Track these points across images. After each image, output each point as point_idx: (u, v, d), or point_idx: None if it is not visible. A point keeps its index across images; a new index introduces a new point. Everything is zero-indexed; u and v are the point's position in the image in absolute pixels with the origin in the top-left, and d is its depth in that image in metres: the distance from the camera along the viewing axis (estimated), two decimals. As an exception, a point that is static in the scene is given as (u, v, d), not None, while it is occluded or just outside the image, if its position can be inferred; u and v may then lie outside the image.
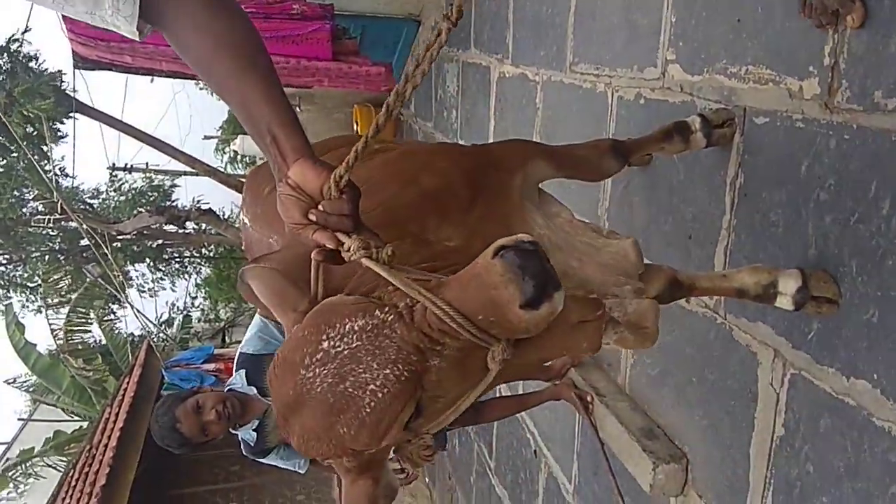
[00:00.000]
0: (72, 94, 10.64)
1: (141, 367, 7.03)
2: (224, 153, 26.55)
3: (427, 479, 6.56)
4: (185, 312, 15.37)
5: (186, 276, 20.16)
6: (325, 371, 0.87)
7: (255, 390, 2.48)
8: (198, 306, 18.68)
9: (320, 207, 1.02)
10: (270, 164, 1.08)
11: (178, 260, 19.36)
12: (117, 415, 6.54)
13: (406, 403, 0.87)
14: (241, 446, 2.61)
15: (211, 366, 6.39)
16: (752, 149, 1.89)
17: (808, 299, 1.61)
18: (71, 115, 9.82)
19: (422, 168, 1.45)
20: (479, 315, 0.84)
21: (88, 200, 14.59)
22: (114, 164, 17.22)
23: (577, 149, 1.85)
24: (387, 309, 0.89)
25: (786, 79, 1.74)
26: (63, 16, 4.89)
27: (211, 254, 19.86)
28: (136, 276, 16.94)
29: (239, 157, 22.14)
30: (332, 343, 0.88)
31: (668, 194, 2.28)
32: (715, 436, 2.12)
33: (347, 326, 0.88)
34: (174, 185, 20.12)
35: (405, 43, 5.88)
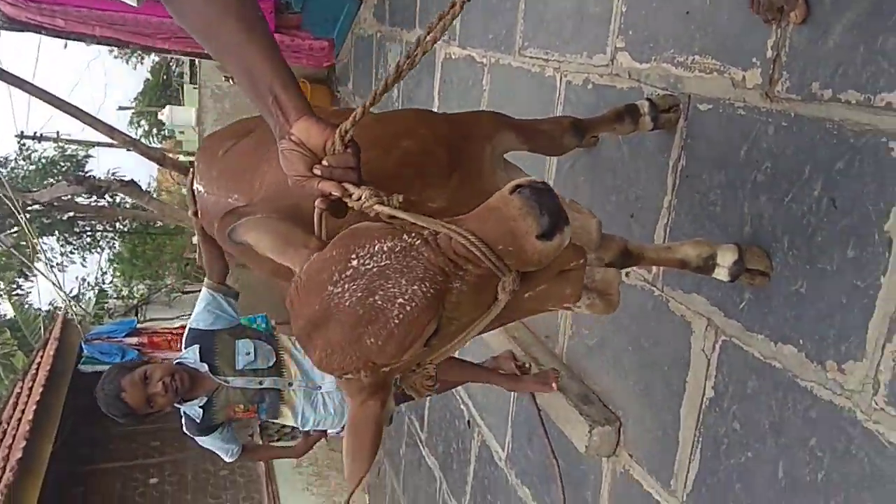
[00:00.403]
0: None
1: (57, 341, 6.78)
2: (139, 125, 25.59)
3: (353, 455, 6.60)
4: (99, 287, 14.78)
5: (98, 250, 19.40)
6: (355, 286, 0.93)
7: (206, 367, 2.48)
8: (109, 282, 18.03)
9: (324, 162, 1.09)
10: (271, 122, 1.14)
11: (89, 234, 18.60)
12: (31, 388, 6.30)
13: (431, 319, 0.95)
14: (183, 422, 2.60)
15: (133, 340, 6.25)
16: (695, 133, 2.04)
17: (742, 271, 1.77)
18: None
19: (403, 134, 1.52)
20: (499, 245, 0.93)
21: (-3, 168, 13.86)
22: (22, 132, 16.34)
23: (540, 123, 1.96)
24: (413, 234, 0.96)
25: (730, 69, 1.89)
26: None
27: (125, 229, 19.17)
28: (46, 250, 16.22)
29: (166, 128, 21.37)
30: (361, 261, 0.94)
31: (612, 175, 2.42)
32: (648, 399, 2.27)
33: (377, 247, 0.94)
34: (88, 156, 19.32)
35: (347, 17, 5.87)
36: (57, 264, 16.34)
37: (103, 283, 17.09)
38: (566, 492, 2.71)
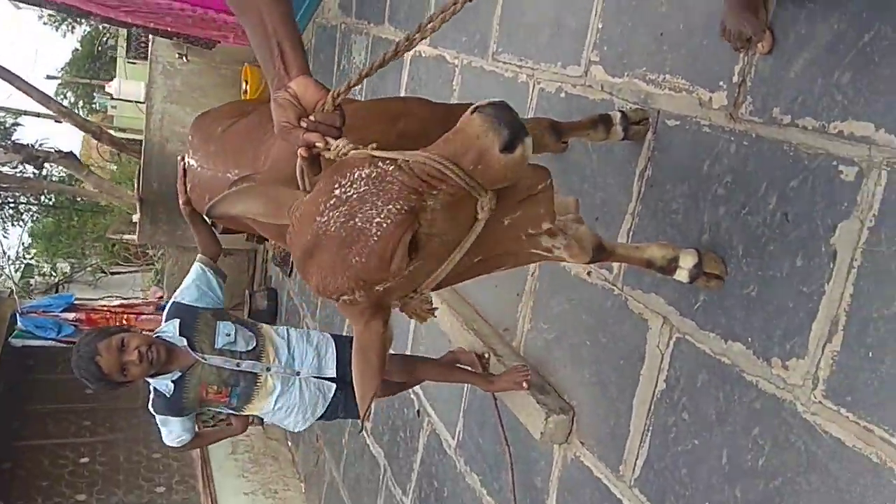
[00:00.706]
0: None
1: (-14, 313, 6.57)
2: (65, 97, 24.63)
3: (290, 442, 6.65)
4: (24, 261, 14.23)
5: (21, 223, 18.62)
6: (338, 213, 1.05)
7: (185, 341, 2.48)
8: (31, 257, 17.34)
9: (311, 117, 1.20)
10: (270, 75, 1.23)
11: (12, 205, 17.84)
12: (-44, 361, 6.11)
13: (406, 230, 1.06)
14: (151, 397, 2.58)
15: (70, 315, 6.11)
16: (662, 146, 2.21)
17: (700, 275, 1.94)
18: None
19: (401, 114, 1.65)
20: (468, 164, 1.06)
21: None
22: (-59, 95, 15.47)
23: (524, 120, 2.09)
24: (387, 161, 1.08)
25: (698, 89, 2.07)
26: None
27: (50, 202, 18.45)
28: (-37, 219, 15.50)
29: (97, 101, 20.66)
30: (343, 190, 1.06)
31: (580, 180, 2.57)
32: (602, 391, 2.44)
33: (356, 174, 1.07)
34: (17, 124, 18.52)
35: (310, 6, 5.90)
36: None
37: (24, 258, 16.46)
38: (516, 477, 2.85)
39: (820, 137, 1.71)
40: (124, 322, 6.03)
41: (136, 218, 7.33)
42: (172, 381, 2.45)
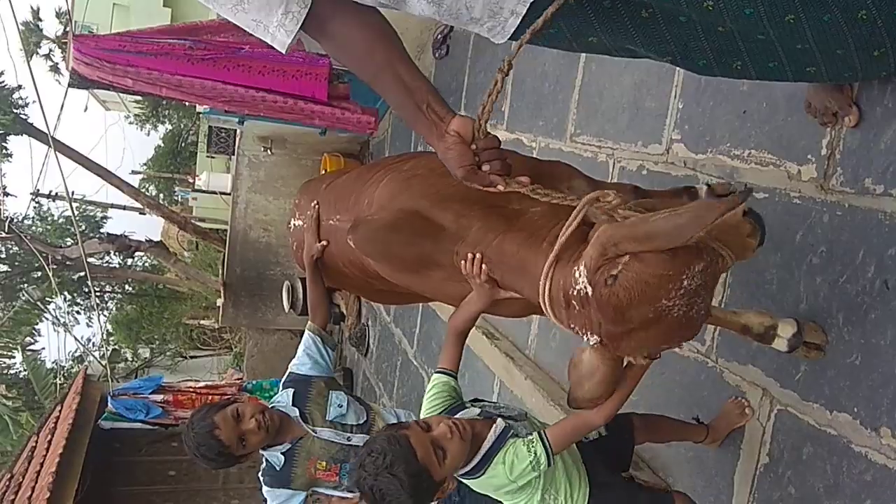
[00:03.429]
0: (24, 116, 10.46)
1: (79, 395, 6.85)
2: (147, 190, 26.07)
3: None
4: (113, 347, 14.85)
5: (106, 312, 19.47)
6: (682, 302, 1.22)
7: (297, 412, 2.44)
8: (114, 343, 18.06)
9: (474, 147, 1.35)
10: (424, 127, 1.36)
11: (98, 294, 18.71)
12: (50, 441, 6.35)
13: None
14: (263, 467, 2.49)
15: (159, 397, 6.32)
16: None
17: (800, 344, 1.94)
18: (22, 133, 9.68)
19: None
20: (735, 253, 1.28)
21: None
22: (38, 191, 16.73)
23: (606, 184, 2.20)
24: (710, 252, 1.23)
25: (786, 163, 2.12)
26: (75, 35, 5.02)
27: (132, 290, 19.32)
28: (52, 308, 16.32)
29: (177, 193, 21.83)
30: (689, 282, 1.21)
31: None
32: (700, 467, 2.41)
33: (696, 268, 1.21)
34: (105, 217, 19.68)
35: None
36: (63, 323, 16.47)
37: (109, 344, 17.15)
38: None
39: (916, 205, 1.73)
40: (209, 402, 6.19)
41: (219, 302, 7.63)
42: (282, 454, 2.41)
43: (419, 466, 1.55)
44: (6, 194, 11.25)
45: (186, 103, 4.88)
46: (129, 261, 16.83)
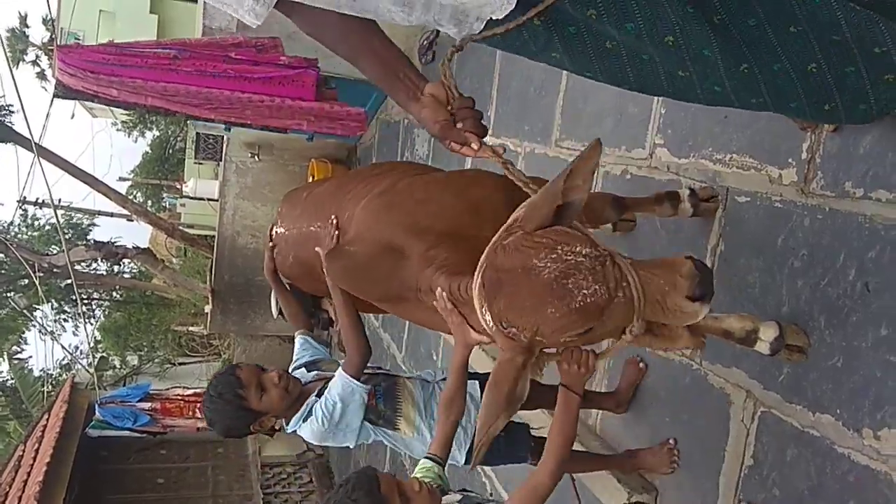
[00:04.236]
0: (9, 125, 10.37)
1: (66, 403, 6.82)
2: (135, 196, 25.97)
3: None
4: (101, 355, 14.76)
5: (93, 319, 19.31)
6: (554, 267, 1.20)
7: (314, 374, 2.39)
8: (101, 351, 17.93)
9: (449, 108, 1.39)
10: (402, 95, 1.42)
11: (86, 301, 18.56)
12: (37, 450, 6.31)
13: (599, 317, 1.22)
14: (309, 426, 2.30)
15: (146, 405, 6.30)
16: (733, 221, 2.27)
17: (782, 347, 1.95)
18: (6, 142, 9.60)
19: (473, 183, 1.89)
20: (656, 293, 1.22)
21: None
22: (24, 198, 16.64)
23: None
24: (602, 250, 1.24)
25: (767, 167, 2.14)
26: (59, 46, 4.99)
27: (120, 298, 19.19)
28: (39, 316, 16.19)
29: (166, 200, 21.73)
30: (565, 252, 1.21)
31: (650, 257, 2.63)
32: (685, 469, 2.42)
33: (579, 248, 1.22)
34: (93, 224, 19.55)
35: (374, 103, 6.24)
36: (50, 332, 16.33)
37: (97, 352, 17.03)
38: (598, 561, 2.80)
39: (895, 209, 1.75)
40: (197, 410, 6.18)
41: (207, 309, 7.60)
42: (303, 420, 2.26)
43: (380, 498, 1.56)
44: (-7, 203, 11.12)
45: (170, 111, 4.80)
46: (117, 268, 16.76)
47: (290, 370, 2.40)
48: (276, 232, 2.51)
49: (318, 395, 2.27)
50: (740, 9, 1.30)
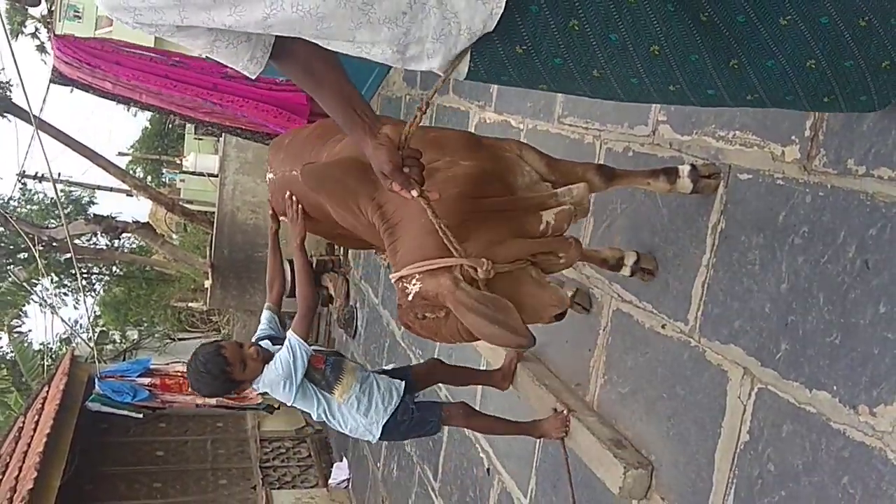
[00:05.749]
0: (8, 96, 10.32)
1: (66, 376, 6.85)
2: (134, 172, 25.98)
3: (353, 503, 6.66)
4: (101, 329, 14.82)
5: (93, 293, 19.36)
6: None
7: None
8: (101, 325, 18.01)
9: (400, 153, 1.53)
10: (358, 132, 1.52)
11: (85, 275, 18.60)
12: (37, 422, 6.35)
13: None
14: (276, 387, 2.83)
15: (146, 380, 6.33)
16: (735, 199, 2.26)
17: (639, 269, 2.53)
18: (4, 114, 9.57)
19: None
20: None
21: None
22: (24, 172, 16.63)
23: (564, 159, 2.36)
24: None
25: (770, 144, 2.13)
26: (56, 35, 4.96)
27: (120, 272, 19.23)
28: (39, 290, 16.22)
29: (165, 175, 21.71)
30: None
31: (650, 234, 2.64)
32: (682, 444, 2.44)
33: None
34: (93, 199, 19.52)
35: (376, 78, 6.21)
36: (50, 305, 16.37)
37: (96, 326, 17.10)
38: (593, 535, 2.83)
39: (896, 186, 1.75)
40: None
41: (207, 284, 7.61)
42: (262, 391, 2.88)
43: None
44: (-8, 176, 11.09)
45: (164, 111, 4.88)
46: (117, 242, 16.76)
47: (255, 340, 2.85)
48: (268, 178, 2.74)
49: None
50: (728, 3, 1.31)
